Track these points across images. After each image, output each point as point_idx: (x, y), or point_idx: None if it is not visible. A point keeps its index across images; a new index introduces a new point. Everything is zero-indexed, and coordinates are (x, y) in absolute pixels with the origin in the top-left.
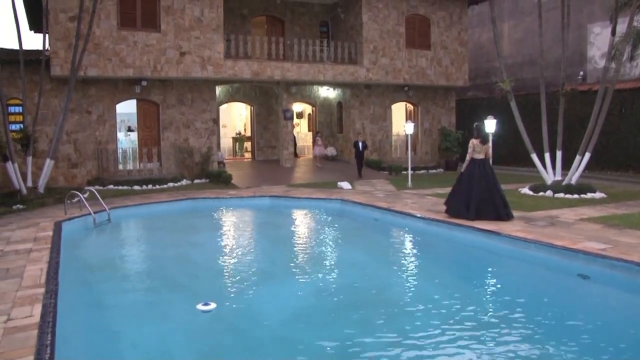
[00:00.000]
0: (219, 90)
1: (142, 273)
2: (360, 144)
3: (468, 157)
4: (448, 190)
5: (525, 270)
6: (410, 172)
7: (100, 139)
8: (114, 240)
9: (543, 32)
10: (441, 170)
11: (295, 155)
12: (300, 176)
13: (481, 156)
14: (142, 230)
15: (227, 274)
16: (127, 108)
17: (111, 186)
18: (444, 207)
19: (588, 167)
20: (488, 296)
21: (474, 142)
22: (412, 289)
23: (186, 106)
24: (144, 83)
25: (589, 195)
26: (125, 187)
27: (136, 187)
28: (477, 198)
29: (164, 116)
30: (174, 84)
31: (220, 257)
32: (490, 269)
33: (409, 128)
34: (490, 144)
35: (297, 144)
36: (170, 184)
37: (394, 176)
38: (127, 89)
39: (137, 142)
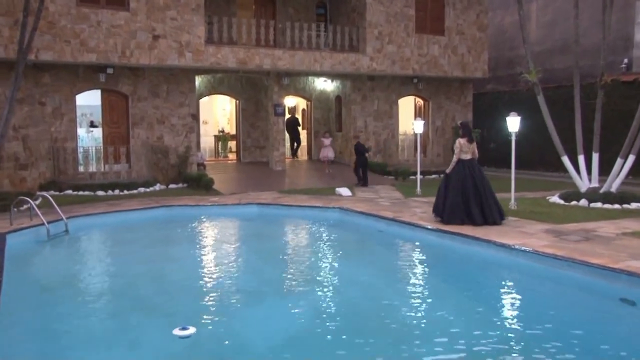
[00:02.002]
0: (199, 81)
1: (108, 293)
2: (361, 148)
3: (455, 158)
4: None
5: (556, 293)
6: (419, 176)
7: (56, 135)
8: (72, 255)
9: (579, 12)
10: None
11: (295, 155)
12: (293, 181)
13: (468, 156)
14: (107, 243)
15: (208, 293)
16: (89, 100)
17: (70, 191)
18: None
19: (632, 172)
20: (511, 323)
21: (460, 141)
22: (424, 312)
23: (160, 99)
24: (110, 71)
25: (633, 205)
26: (86, 193)
27: (100, 193)
28: (472, 202)
29: (134, 110)
30: (145, 73)
31: (201, 274)
32: (513, 291)
33: (419, 126)
34: (475, 143)
35: (300, 144)
36: (142, 189)
37: (401, 181)
38: (90, 77)
39: (101, 140)
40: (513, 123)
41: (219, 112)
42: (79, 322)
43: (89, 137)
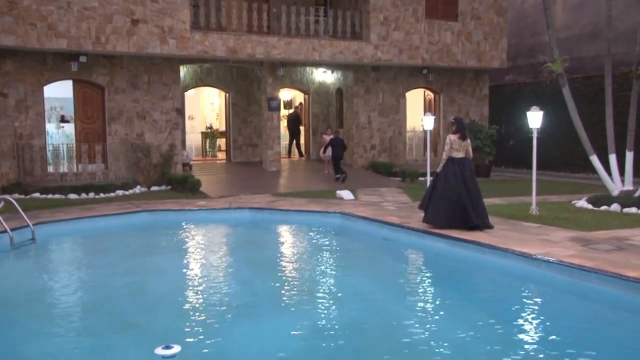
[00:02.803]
0: (184, 71)
1: (81, 310)
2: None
3: (445, 156)
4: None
5: (584, 309)
6: (429, 178)
7: (21, 131)
8: (40, 266)
9: None
10: None
11: (301, 154)
12: (289, 183)
13: (460, 155)
14: (80, 253)
15: (195, 308)
16: (60, 92)
17: (37, 194)
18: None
19: None
20: (535, 345)
21: (451, 137)
22: (436, 332)
23: (141, 91)
24: (83, 59)
25: None
26: (57, 196)
27: (73, 196)
28: (458, 204)
29: (111, 103)
30: (124, 62)
31: (187, 288)
32: (535, 307)
33: (429, 122)
34: (469, 140)
35: (300, 142)
36: (120, 192)
37: (409, 183)
38: (60, 66)
39: (74, 137)
40: (535, 118)
41: (206, 107)
42: (47, 343)
43: (59, 134)
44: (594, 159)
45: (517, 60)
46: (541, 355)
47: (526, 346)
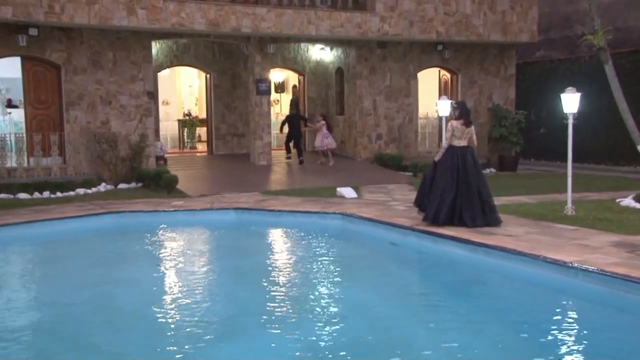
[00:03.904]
0: (156, 48)
1: (31, 331)
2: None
3: (445, 144)
4: (505, 201)
5: (631, 328)
6: None
7: None
8: None
9: None
10: (492, 170)
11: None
12: (282, 179)
13: (463, 143)
14: (32, 263)
15: (170, 326)
16: (5, 71)
17: None
18: (501, 228)
19: None
20: None
21: (453, 124)
22: (453, 353)
23: (105, 71)
24: (34, 32)
25: None
26: (3, 196)
27: (23, 196)
28: (462, 198)
29: (69, 85)
30: (84, 36)
31: (161, 302)
32: (572, 324)
33: (444, 107)
34: (473, 127)
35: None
36: (81, 191)
37: (421, 179)
38: (5, 40)
39: (23, 126)
40: (571, 101)
41: (183, 90)
42: None
43: (5, 121)
44: None
45: (549, 33)
46: None
47: None
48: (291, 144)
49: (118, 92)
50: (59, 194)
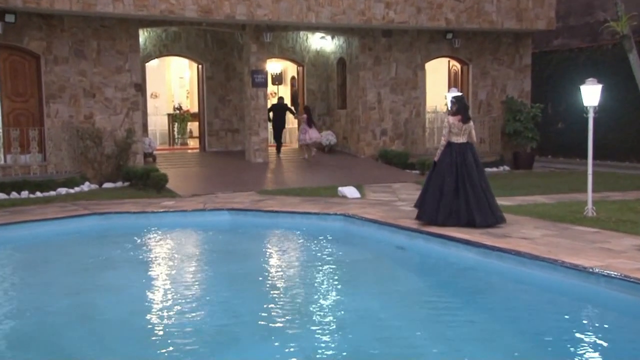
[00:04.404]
0: (144, 36)
1: (9, 340)
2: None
3: (443, 141)
4: (520, 201)
5: None
6: None
7: None
8: None
9: None
10: (506, 168)
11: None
12: (280, 177)
13: (461, 140)
14: (9, 269)
15: (157, 337)
16: None
17: None
18: (510, 228)
19: None
20: None
21: (450, 120)
22: None
23: (89, 61)
24: (10, 18)
25: None
26: None
27: (0, 196)
28: (467, 197)
29: (49, 77)
30: (65, 23)
31: (148, 311)
32: (594, 334)
33: None
34: (472, 123)
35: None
36: (62, 190)
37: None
38: None
39: (0, 120)
40: (591, 94)
41: (174, 82)
42: None
43: None
44: None
45: (568, 20)
46: None
47: None
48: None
49: (103, 84)
50: (38, 194)
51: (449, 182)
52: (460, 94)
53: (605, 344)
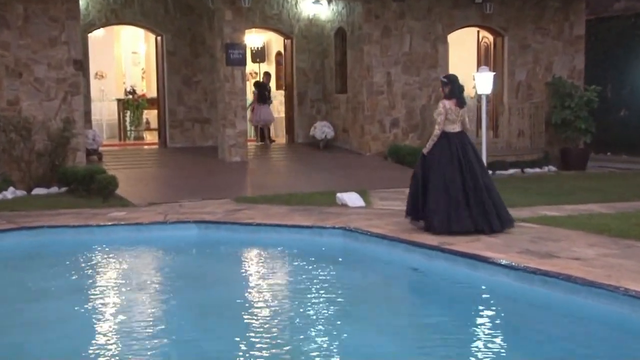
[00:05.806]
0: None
1: None
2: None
3: (437, 130)
4: (570, 211)
5: None
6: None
7: None
8: None
9: None
10: (552, 168)
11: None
12: (263, 180)
13: (457, 128)
14: None
15: None
16: None
17: None
18: (557, 246)
19: None
20: None
21: (446, 104)
22: None
23: (12, 31)
24: None
25: None
26: None
27: None
28: (473, 197)
29: None
30: None
31: (91, 355)
32: None
33: (485, 82)
34: (466, 108)
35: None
36: None
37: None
38: None
39: None
40: None
41: (125, 58)
42: None
43: None
44: None
45: None
46: None
47: None
48: None
49: (32, 61)
50: None
51: (456, 180)
52: (452, 73)
53: None
